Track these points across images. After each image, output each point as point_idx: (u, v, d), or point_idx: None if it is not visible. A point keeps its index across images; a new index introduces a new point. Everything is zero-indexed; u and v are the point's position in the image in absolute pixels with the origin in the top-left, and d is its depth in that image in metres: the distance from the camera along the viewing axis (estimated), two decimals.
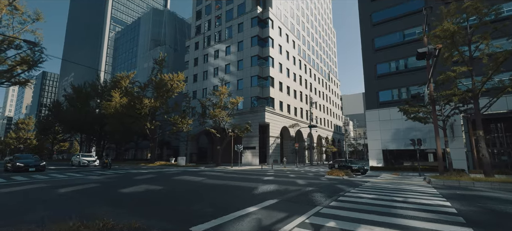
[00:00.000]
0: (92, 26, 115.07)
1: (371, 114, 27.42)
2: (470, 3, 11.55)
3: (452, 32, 11.33)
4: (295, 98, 45.72)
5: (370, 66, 28.45)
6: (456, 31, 11.31)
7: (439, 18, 13.00)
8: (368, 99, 28.31)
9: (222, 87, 32.23)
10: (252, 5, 41.57)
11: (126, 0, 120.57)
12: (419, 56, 10.11)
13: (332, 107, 67.36)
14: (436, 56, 9.83)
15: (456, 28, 11.28)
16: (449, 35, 11.45)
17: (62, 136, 54.07)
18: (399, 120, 25.06)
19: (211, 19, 47.92)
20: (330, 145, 54.73)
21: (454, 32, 11.33)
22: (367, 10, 29.70)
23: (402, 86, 26.39)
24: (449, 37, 11.55)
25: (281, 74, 41.50)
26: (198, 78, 46.99)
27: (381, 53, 28.07)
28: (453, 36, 11.55)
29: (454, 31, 11.28)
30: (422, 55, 10.06)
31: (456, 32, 11.35)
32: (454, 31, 11.28)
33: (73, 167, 22.70)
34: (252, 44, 39.49)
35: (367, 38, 29.16)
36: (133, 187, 9.29)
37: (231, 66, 41.89)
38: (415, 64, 25.77)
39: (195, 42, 49.26)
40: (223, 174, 16.38)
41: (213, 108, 31.59)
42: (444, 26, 11.45)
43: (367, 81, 28.59)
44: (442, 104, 18.59)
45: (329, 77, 68.48)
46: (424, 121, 19.78)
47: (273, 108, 37.67)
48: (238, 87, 40.02)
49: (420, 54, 9.97)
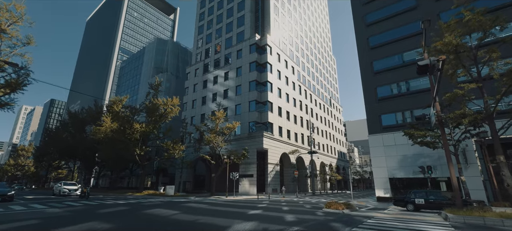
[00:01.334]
0: (101, 56, 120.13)
1: (375, 140, 25.65)
2: (472, 17, 10.65)
3: (455, 46, 10.28)
4: (296, 124, 44.35)
5: (370, 89, 27.40)
6: (459, 45, 10.25)
7: (439, 34, 12.08)
8: (371, 124, 26.75)
9: (218, 112, 31.30)
10: (250, 33, 42.44)
11: (134, 33, 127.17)
12: (420, 70, 8.93)
13: (335, 133, 65.40)
14: (439, 70, 8.63)
15: (459, 41, 10.23)
16: (452, 49, 10.38)
17: (57, 163, 52.78)
18: (405, 145, 23.21)
19: (211, 47, 48.93)
20: (334, 173, 51.80)
21: (457, 46, 10.26)
22: (363, 34, 29.55)
23: (405, 109, 24.96)
24: (452, 51, 10.47)
25: (280, 99, 40.73)
26: (196, 104, 46.57)
27: (380, 76, 27.18)
28: (457, 51, 10.47)
29: (458, 45, 10.22)
30: (423, 69, 8.88)
31: (459, 45, 10.28)
32: (458, 45, 10.22)
33: (52, 197, 21.03)
34: (251, 69, 39.44)
35: (365, 61, 28.54)
36: (80, 224, 7.70)
37: (230, 91, 41.49)
38: (417, 87, 24.64)
39: (195, 69, 49.79)
40: (207, 206, 14.52)
41: (208, 133, 30.37)
42: (445, 39, 10.43)
43: (368, 105, 27.31)
44: (451, 128, 16.97)
45: (331, 102, 67.62)
46: (433, 145, 18.00)
47: (272, 134, 36.19)
48: (236, 112, 39.11)
49: (421, 68, 8.79)
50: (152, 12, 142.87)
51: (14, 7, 19.02)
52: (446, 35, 10.69)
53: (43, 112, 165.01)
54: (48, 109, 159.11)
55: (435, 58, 8.23)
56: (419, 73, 9.09)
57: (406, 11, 27.16)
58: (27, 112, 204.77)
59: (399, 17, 27.47)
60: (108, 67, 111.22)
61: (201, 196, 27.62)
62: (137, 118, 29.31)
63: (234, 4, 47.36)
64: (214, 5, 51.82)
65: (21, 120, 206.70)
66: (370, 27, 29.28)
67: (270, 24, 42.81)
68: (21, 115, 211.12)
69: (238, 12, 45.97)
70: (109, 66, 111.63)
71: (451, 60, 10.97)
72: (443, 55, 8.05)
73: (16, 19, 19.15)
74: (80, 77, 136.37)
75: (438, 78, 9.35)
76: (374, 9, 29.52)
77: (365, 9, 30.31)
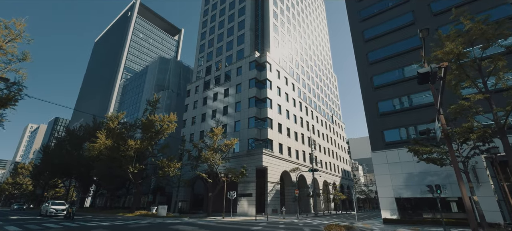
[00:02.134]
0: (106, 75, 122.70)
1: (378, 157, 24.49)
2: (473, 25, 10.17)
3: (457, 55, 9.71)
4: (297, 140, 43.31)
5: (371, 104, 26.71)
6: (461, 54, 9.68)
7: (439, 44, 11.59)
8: (373, 140, 25.72)
9: (216, 128, 30.64)
10: (250, 50, 42.91)
11: (139, 52, 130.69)
12: (421, 79, 8.28)
13: (338, 150, 63.80)
14: (442, 78, 7.98)
15: (461, 49, 9.67)
16: (454, 58, 9.81)
17: (55, 181, 51.67)
18: (411, 163, 22.03)
19: (211, 64, 49.44)
20: (338, 192, 49.66)
21: (459, 55, 9.69)
22: (362, 50, 29.44)
23: (408, 124, 24.03)
24: (454, 61, 9.89)
25: (280, 115, 40.12)
26: (196, 121, 46.12)
27: (381, 91, 26.61)
28: (459, 59, 9.89)
29: (460, 54, 9.65)
30: (424, 78, 8.23)
31: (461, 54, 9.71)
32: (460, 54, 9.65)
33: (38, 217, 19.96)
34: (250, 86, 39.32)
35: (365, 76, 28.14)
36: None
37: (229, 108, 41.12)
38: (420, 102, 23.91)
39: (196, 86, 49.98)
40: (197, 230, 13.38)
41: (206, 150, 29.51)
42: (446, 48, 9.88)
43: (369, 120, 26.47)
44: (458, 143, 15.97)
45: (333, 119, 66.74)
46: (440, 162, 16.87)
47: (272, 151, 35.13)
48: (235, 129, 38.41)
49: (422, 77, 8.15)
50: (157, 33, 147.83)
51: (13, 25, 19.27)
52: (447, 44, 10.17)
53: (47, 130, 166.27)
54: (52, 127, 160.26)
55: (436, 65, 7.61)
56: (420, 82, 8.44)
57: (404, 27, 27.16)
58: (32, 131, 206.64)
59: (398, 33, 27.43)
60: (112, 86, 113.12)
61: (196, 217, 26.18)
62: (134, 135, 28.72)
63: (234, 23, 48.48)
64: (215, 25, 53.16)
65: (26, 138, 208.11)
66: (369, 42, 29.24)
67: (270, 42, 43.36)
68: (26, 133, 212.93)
69: (238, 31, 46.89)
70: (113, 84, 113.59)
71: (453, 70, 10.35)
72: (445, 62, 7.44)
73: (14, 36, 19.32)
74: (85, 95, 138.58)
75: (441, 88, 8.67)
76: (372, 25, 29.66)
77: (363, 25, 30.49)
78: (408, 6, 27.70)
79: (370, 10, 30.44)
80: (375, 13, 29.88)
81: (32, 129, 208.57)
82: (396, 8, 28.48)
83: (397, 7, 28.45)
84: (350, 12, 32.52)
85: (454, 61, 10.03)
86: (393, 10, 28.67)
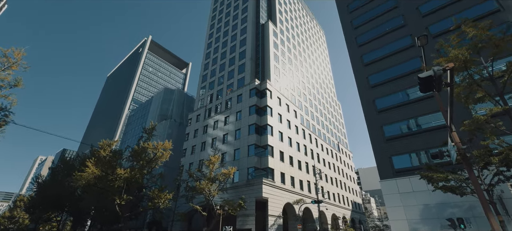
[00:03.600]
0: (114, 107, 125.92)
1: (388, 186, 22.13)
2: (477, 32, 9.22)
3: (464, 62, 8.60)
4: (300, 170, 40.87)
5: (376, 128, 25.10)
6: (468, 60, 8.56)
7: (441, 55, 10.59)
8: (381, 167, 23.58)
9: (213, 157, 29.16)
10: (251, 78, 43.12)
11: (147, 85, 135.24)
12: (424, 86, 7.08)
13: (346, 181, 60.00)
14: (449, 84, 6.77)
15: (467, 54, 8.57)
16: (461, 66, 8.68)
17: (49, 214, 49.38)
18: (426, 192, 19.64)
19: (213, 93, 49.71)
20: (349, 227, 45.24)
21: (466, 61, 8.57)
22: (363, 73, 28.80)
23: (419, 149, 22.05)
24: (461, 68, 8.76)
25: (282, 143, 38.48)
26: (195, 150, 44.83)
27: (386, 114, 25.19)
28: (466, 68, 8.75)
29: (467, 60, 8.54)
30: (427, 85, 7.03)
31: (468, 61, 8.59)
32: (467, 60, 8.54)
33: None
34: (250, 113, 38.58)
35: (367, 100, 27.02)
36: None
37: (229, 135, 39.97)
38: (429, 124, 22.25)
39: (197, 115, 49.70)
40: None
41: (203, 180, 27.72)
42: (450, 54, 8.82)
43: (375, 146, 24.61)
44: (478, 168, 13.98)
45: (339, 148, 64.11)
46: (460, 191, 14.72)
47: (273, 181, 32.85)
48: (235, 158, 36.72)
49: (425, 83, 6.96)
50: (166, 67, 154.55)
51: (12, 53, 19.60)
52: (451, 50, 9.13)
53: (53, 162, 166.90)
54: (59, 158, 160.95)
55: (441, 67, 6.46)
56: (423, 90, 7.21)
57: (404, 50, 26.69)
58: (40, 163, 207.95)
59: (397, 56, 26.90)
60: (119, 117, 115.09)
61: None
62: (127, 164, 27.46)
63: (236, 53, 49.75)
64: (217, 55, 54.77)
65: (33, 170, 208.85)
66: (369, 66, 28.69)
67: (270, 70, 43.71)
68: (35, 165, 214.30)
69: (239, 60, 47.84)
70: (120, 116, 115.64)
71: (461, 82, 9.15)
72: (450, 63, 6.30)
73: (11, 64, 19.50)
74: (94, 127, 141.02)
75: (450, 97, 7.39)
76: (371, 49, 29.43)
77: (361, 50, 30.31)
78: (406, 30, 27.57)
79: (367, 36, 30.49)
80: (372, 38, 29.85)
81: (41, 161, 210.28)
82: (394, 32, 28.37)
83: (395, 31, 28.37)
84: (348, 38, 32.71)
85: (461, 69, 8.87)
86: (391, 34, 28.57)
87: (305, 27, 75.45)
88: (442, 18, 24.83)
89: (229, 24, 57.73)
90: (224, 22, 59.79)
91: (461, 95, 9.93)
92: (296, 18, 69.80)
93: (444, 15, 24.84)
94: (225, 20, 60.07)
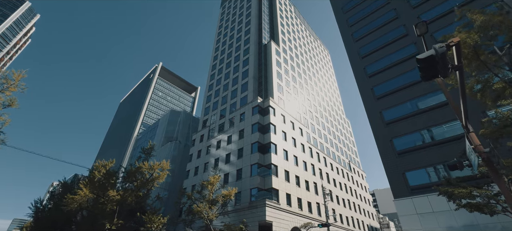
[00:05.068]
0: (125, 131, 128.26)
1: (403, 206, 19.68)
2: (486, 17, 8.01)
3: (473, 47, 7.33)
4: (308, 190, 38.24)
5: (385, 142, 23.14)
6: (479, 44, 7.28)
7: None
8: (394, 185, 21.24)
9: (212, 177, 27.70)
10: (253, 96, 42.58)
11: (157, 109, 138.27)
12: (425, 70, 5.81)
13: (360, 202, 55.76)
14: (457, 67, 5.52)
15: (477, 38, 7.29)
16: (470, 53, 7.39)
17: None
18: (449, 213, 17.14)
19: (217, 112, 49.32)
20: None
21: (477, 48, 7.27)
22: (366, 85, 27.48)
23: (436, 163, 19.79)
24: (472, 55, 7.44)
25: (287, 162, 36.54)
26: (199, 171, 43.44)
27: (395, 126, 23.34)
28: (477, 53, 7.43)
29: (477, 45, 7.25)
30: (429, 69, 5.77)
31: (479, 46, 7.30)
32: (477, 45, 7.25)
33: None
34: (253, 131, 37.41)
35: (373, 111, 25.38)
36: None
37: (232, 155, 38.55)
38: (444, 135, 20.19)
39: (201, 135, 49.00)
40: None
41: (198, 202, 26.05)
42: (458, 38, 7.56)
43: (386, 162, 22.47)
44: (508, 181, 11.87)
45: (350, 167, 60.69)
46: (488, 210, 12.48)
47: (278, 202, 30.57)
48: (237, 178, 34.93)
49: (426, 67, 5.71)
50: (175, 91, 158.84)
51: (11, 74, 19.91)
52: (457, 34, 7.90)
53: None
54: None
55: (444, 44, 5.25)
56: (425, 78, 5.92)
57: (407, 59, 25.44)
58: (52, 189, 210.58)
59: (402, 66, 25.63)
60: (129, 141, 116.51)
61: None
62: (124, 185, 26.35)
63: (239, 73, 49.97)
64: (221, 76, 55.28)
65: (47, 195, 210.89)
66: (373, 78, 27.43)
67: (273, 88, 43.18)
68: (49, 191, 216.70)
69: (242, 80, 47.84)
70: (130, 140, 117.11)
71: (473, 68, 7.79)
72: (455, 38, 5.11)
73: (9, 84, 19.70)
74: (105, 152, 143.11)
75: (460, 85, 6.06)
76: (375, 60, 28.36)
77: (365, 61, 29.30)
78: (410, 38, 26.55)
79: (369, 47, 29.64)
80: (375, 49, 28.93)
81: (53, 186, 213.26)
82: (398, 41, 27.38)
83: (399, 40, 27.39)
84: (350, 51, 31.94)
85: (472, 58, 7.55)
86: (395, 43, 27.57)
87: (308, 47, 76.12)
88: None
89: (232, 45, 59.00)
90: (228, 44, 61.25)
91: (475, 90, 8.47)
92: (299, 38, 70.73)
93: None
94: (229, 42, 61.59)
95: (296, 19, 76.98)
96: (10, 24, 73.18)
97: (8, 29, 70.50)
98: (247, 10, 63.00)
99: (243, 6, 66.10)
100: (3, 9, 68.29)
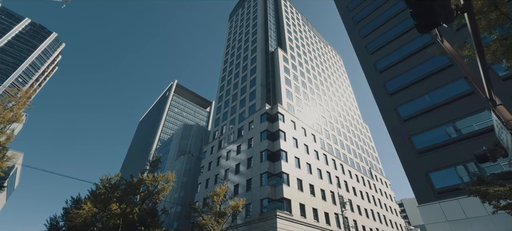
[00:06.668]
0: (143, 149, 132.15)
1: (429, 212, 17.07)
2: None
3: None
4: (324, 200, 35.61)
5: (404, 141, 20.78)
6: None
7: None
8: (417, 189, 18.68)
9: (219, 188, 26.59)
10: (261, 104, 41.66)
11: (173, 125, 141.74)
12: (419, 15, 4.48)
13: (385, 213, 51.17)
14: (465, 8, 4.18)
15: None
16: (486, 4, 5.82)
17: None
18: (486, 218, 14.46)
19: (226, 123, 48.84)
20: None
21: None
22: (378, 81, 25.46)
23: (466, 160, 17.12)
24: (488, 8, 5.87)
25: (299, 170, 34.56)
26: (209, 183, 42.52)
27: (412, 122, 21.01)
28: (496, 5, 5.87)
29: None
30: (427, 16, 4.45)
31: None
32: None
33: None
34: (262, 139, 36.15)
35: (388, 110, 23.18)
36: None
37: (241, 165, 37.33)
38: (469, 129, 17.61)
39: (211, 147, 48.53)
40: None
41: (208, 215, 24.90)
42: None
43: (405, 162, 20.05)
44: None
45: (371, 174, 56.54)
46: None
47: (290, 213, 28.53)
48: (247, 189, 33.46)
49: (419, 7, 4.40)
50: (190, 107, 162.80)
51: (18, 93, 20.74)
52: None
53: None
54: None
55: None
56: (422, 29, 4.60)
57: (421, 50, 23.29)
58: None
59: (415, 57, 23.49)
60: (146, 157, 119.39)
61: None
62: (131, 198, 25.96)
63: (247, 82, 49.61)
64: (230, 87, 55.31)
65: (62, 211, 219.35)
66: (384, 73, 25.42)
67: (282, 94, 42.10)
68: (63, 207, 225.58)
69: (250, 88, 47.33)
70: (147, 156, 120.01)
71: (493, 23, 6.15)
72: None
73: (17, 101, 20.45)
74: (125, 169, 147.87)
75: (473, 33, 4.64)
76: (385, 54, 26.42)
77: (373, 57, 27.42)
78: None
79: (378, 42, 27.82)
80: (385, 43, 27.04)
81: None
82: (408, 33, 25.37)
83: (409, 32, 25.36)
84: (358, 49, 30.24)
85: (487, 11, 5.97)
86: (405, 35, 25.58)
87: (318, 53, 74.69)
88: None
89: (240, 56, 59.29)
90: (236, 55, 61.71)
91: (497, 53, 6.78)
92: (308, 45, 69.70)
93: None
94: (237, 53, 62.07)
95: (304, 26, 76.40)
96: (39, 54, 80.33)
97: (37, 59, 77.44)
98: (253, 20, 63.63)
99: (249, 18, 66.96)
100: (32, 41, 75.52)
